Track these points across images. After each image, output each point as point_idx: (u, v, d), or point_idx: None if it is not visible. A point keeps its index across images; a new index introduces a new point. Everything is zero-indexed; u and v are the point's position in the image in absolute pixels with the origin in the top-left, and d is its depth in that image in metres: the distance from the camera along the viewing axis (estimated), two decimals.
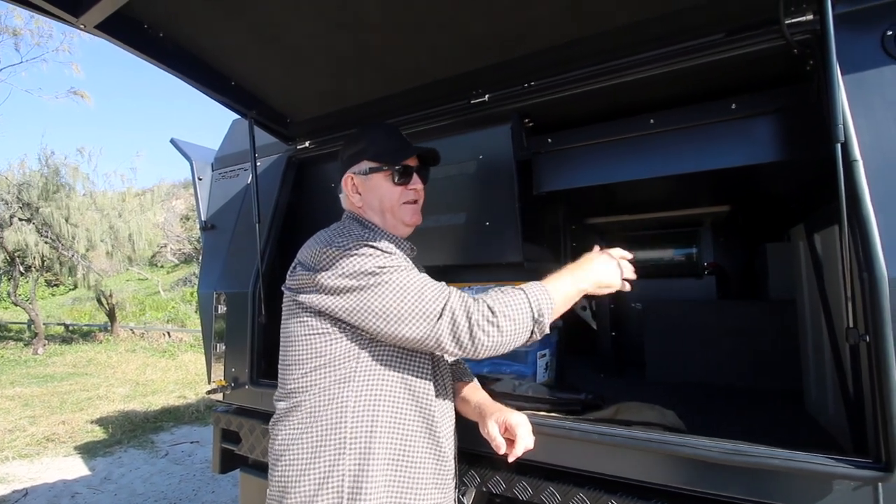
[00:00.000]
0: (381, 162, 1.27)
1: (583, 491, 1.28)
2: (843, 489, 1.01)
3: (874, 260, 0.97)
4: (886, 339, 0.94)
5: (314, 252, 1.15)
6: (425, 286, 1.09)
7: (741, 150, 1.48)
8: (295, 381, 1.15)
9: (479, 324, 1.05)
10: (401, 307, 1.06)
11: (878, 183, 1.03)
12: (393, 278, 1.08)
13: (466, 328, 1.05)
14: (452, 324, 1.05)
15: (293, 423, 1.13)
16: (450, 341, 1.06)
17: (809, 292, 1.55)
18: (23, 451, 5.01)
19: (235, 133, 2.43)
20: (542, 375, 1.87)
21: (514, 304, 1.08)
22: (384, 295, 1.07)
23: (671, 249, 2.47)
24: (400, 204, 1.28)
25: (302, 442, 1.10)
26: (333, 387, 1.10)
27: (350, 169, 1.29)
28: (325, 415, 1.09)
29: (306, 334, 1.14)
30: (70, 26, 1.30)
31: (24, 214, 11.79)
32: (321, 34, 1.49)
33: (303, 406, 1.12)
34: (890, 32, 1.11)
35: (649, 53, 1.39)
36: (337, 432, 1.08)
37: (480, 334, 1.05)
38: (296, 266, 1.21)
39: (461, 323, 1.05)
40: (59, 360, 10.96)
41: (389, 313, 1.06)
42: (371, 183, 1.27)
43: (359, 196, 1.29)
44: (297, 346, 1.15)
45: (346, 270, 1.09)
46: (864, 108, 1.09)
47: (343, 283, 1.09)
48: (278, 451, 1.14)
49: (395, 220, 1.29)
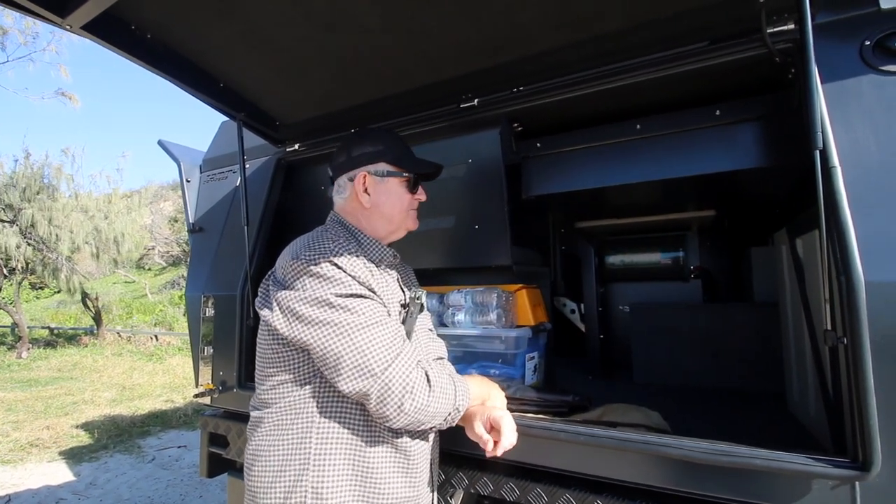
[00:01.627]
0: (401, 167, 1.29)
1: (569, 492, 1.29)
2: (823, 488, 1.03)
3: (851, 264, 1.00)
4: (863, 342, 0.96)
5: (284, 262, 1.14)
6: (372, 342, 1.05)
7: (725, 155, 1.50)
8: (265, 392, 1.16)
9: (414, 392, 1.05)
10: (340, 361, 1.04)
11: (856, 188, 1.05)
12: (345, 321, 1.05)
13: (399, 394, 1.03)
14: (386, 389, 1.03)
15: (263, 433, 1.15)
16: (376, 403, 1.04)
17: (791, 296, 1.58)
18: (6, 456, 4.92)
19: (224, 135, 2.42)
20: (530, 377, 1.88)
21: (446, 390, 1.11)
22: (330, 340, 1.05)
23: (658, 253, 2.49)
24: (408, 211, 1.32)
25: (270, 454, 1.12)
26: (299, 402, 1.12)
27: (364, 167, 1.26)
28: (291, 429, 1.11)
29: (274, 347, 1.14)
30: (56, 27, 1.30)
31: (7, 216, 11.59)
32: (311, 37, 1.50)
33: (271, 417, 1.14)
34: (868, 42, 1.14)
35: (636, 60, 1.42)
36: (302, 448, 1.09)
37: (411, 405, 1.04)
38: (270, 275, 1.21)
39: (395, 388, 1.03)
40: (43, 364, 10.77)
41: (328, 359, 1.05)
42: (385, 186, 1.27)
43: (368, 196, 1.26)
44: (266, 357, 1.17)
45: (304, 295, 1.07)
46: (843, 116, 1.12)
47: (298, 308, 1.07)
48: (250, 460, 1.16)
49: (399, 226, 1.32)
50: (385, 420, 1.06)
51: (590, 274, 2.44)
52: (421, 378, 1.08)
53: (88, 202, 12.69)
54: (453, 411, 1.13)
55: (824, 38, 1.17)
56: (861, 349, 0.96)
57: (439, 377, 1.12)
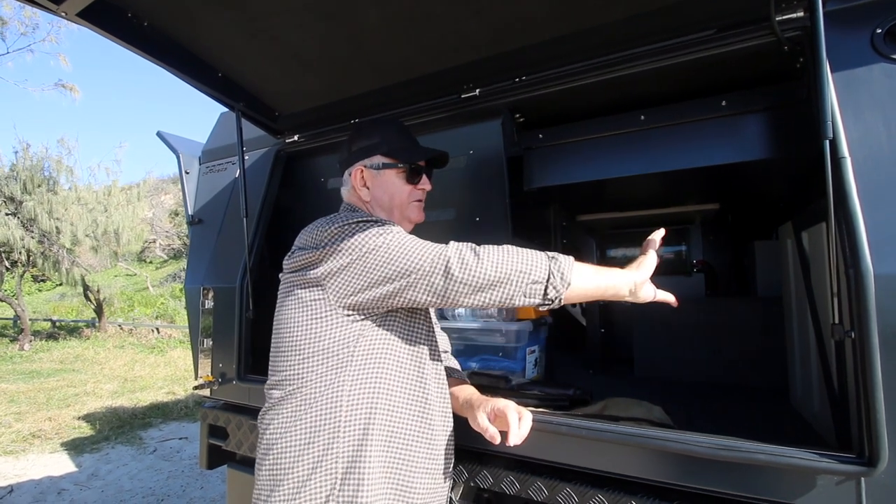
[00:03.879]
0: (396, 159, 1.28)
1: (570, 485, 1.28)
2: (827, 483, 1.02)
3: (860, 256, 0.98)
4: (871, 336, 0.95)
5: (314, 234, 1.14)
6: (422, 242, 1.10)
7: (731, 147, 1.48)
8: (291, 368, 1.13)
9: (478, 251, 1.06)
10: (403, 249, 1.07)
11: (866, 180, 1.03)
12: (395, 234, 1.09)
13: (471, 251, 1.06)
14: (459, 251, 1.06)
15: (287, 412, 1.11)
16: (456, 261, 1.04)
17: (796, 289, 1.56)
18: (8, 447, 4.95)
19: (223, 126, 2.40)
20: (531, 371, 1.87)
21: (528, 255, 1.09)
22: (389, 242, 1.07)
23: (661, 246, 2.47)
24: (409, 202, 1.30)
25: (296, 429, 1.09)
26: (330, 373, 1.09)
27: (360, 161, 1.28)
28: (320, 400, 1.08)
29: (304, 319, 1.12)
30: (52, 14, 1.27)
31: (9, 208, 11.59)
32: (310, 26, 1.47)
33: (298, 393, 1.10)
34: (879, 30, 1.12)
35: (640, 49, 1.39)
36: (332, 416, 1.07)
37: (483, 256, 1.05)
38: (294, 251, 1.19)
39: (465, 250, 1.06)
40: (45, 356, 10.82)
41: (394, 255, 1.07)
42: (382, 178, 1.27)
43: (367, 190, 1.27)
44: (294, 332, 1.13)
45: (351, 233, 1.09)
46: (853, 106, 1.09)
47: (346, 245, 1.08)
48: (269, 441, 1.11)
49: (402, 218, 1.30)
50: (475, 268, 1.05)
51: None
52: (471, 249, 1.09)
53: (88, 195, 12.68)
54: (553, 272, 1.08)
55: (834, 26, 1.14)
56: (869, 343, 0.95)
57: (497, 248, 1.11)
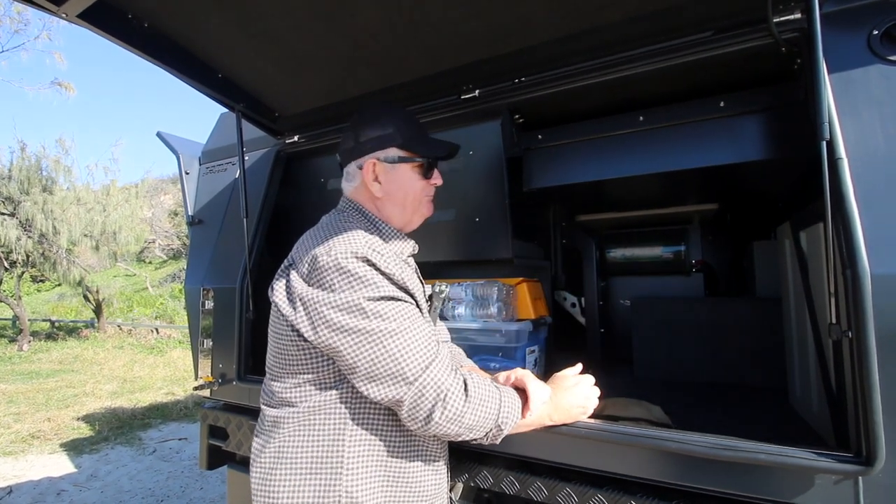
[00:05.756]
0: (415, 152, 1.18)
1: (570, 485, 1.28)
2: (826, 483, 1.02)
3: (857, 257, 0.98)
4: (868, 336, 0.95)
5: (307, 254, 1.04)
6: (406, 348, 0.98)
7: (729, 148, 1.49)
8: (287, 391, 1.08)
9: (449, 404, 0.98)
10: (372, 370, 0.97)
11: (863, 181, 1.04)
12: (376, 328, 0.97)
13: (429, 406, 0.97)
14: (419, 395, 0.97)
15: (287, 434, 1.06)
16: (407, 411, 0.99)
17: (795, 289, 1.57)
18: (7, 448, 4.94)
19: (223, 127, 2.40)
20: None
21: (487, 404, 1.03)
22: (362, 349, 0.97)
23: (660, 247, 2.48)
24: (423, 197, 1.22)
25: (298, 457, 1.04)
26: (329, 404, 1.04)
27: (373, 154, 1.16)
28: (322, 431, 1.04)
29: (298, 344, 1.05)
30: (52, 15, 1.28)
31: (7, 209, 11.57)
32: (311, 27, 1.48)
33: (296, 418, 1.06)
34: (876, 32, 1.12)
35: (639, 50, 1.39)
36: (334, 452, 1.03)
37: (440, 419, 0.98)
38: (288, 266, 1.10)
39: (427, 398, 0.97)
40: (44, 356, 10.80)
41: (362, 371, 0.98)
42: (397, 173, 1.17)
43: (379, 185, 1.16)
44: (288, 354, 1.07)
45: (332, 299, 0.98)
46: (850, 107, 1.10)
47: (326, 314, 0.99)
48: (271, 462, 1.06)
49: (414, 214, 1.22)
50: (417, 429, 1.01)
51: (591, 267, 2.43)
52: (457, 385, 1.00)
53: (86, 194, 12.66)
54: (495, 429, 1.04)
55: (831, 27, 1.15)
56: (866, 343, 0.95)
57: (480, 387, 1.03)
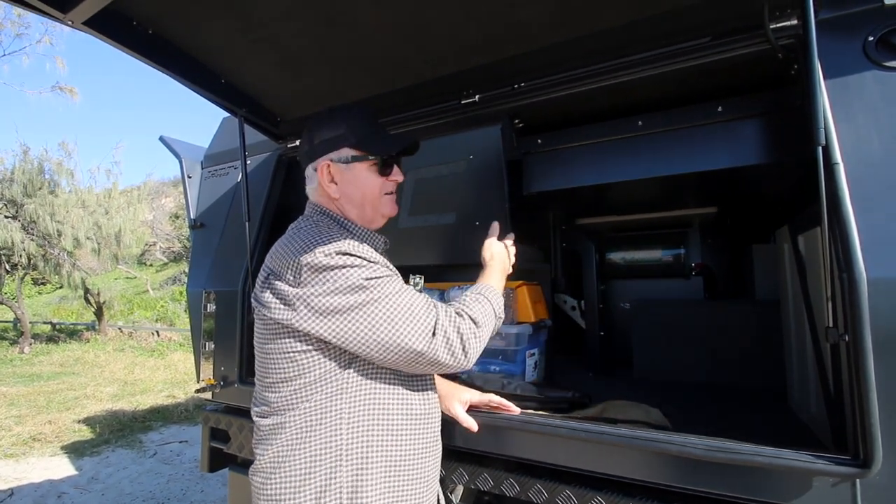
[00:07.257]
0: (367, 150, 1.18)
1: (569, 488, 1.29)
2: (823, 485, 1.03)
3: (853, 261, 0.99)
4: (864, 339, 0.96)
5: (289, 262, 1.05)
6: (413, 303, 1.07)
7: (727, 152, 1.50)
8: (283, 399, 1.08)
9: (467, 338, 1.09)
10: (393, 330, 1.03)
11: (858, 185, 1.05)
12: (381, 295, 1.03)
13: (459, 343, 1.08)
14: (446, 341, 1.07)
15: (284, 440, 1.07)
16: (447, 357, 1.07)
17: (793, 293, 1.58)
18: (8, 450, 4.95)
19: (225, 131, 2.42)
20: (531, 374, 1.88)
21: (487, 312, 1.18)
22: (374, 316, 1.02)
23: (659, 250, 2.49)
24: (381, 195, 1.22)
25: (295, 457, 1.06)
26: (326, 401, 1.06)
27: (326, 155, 1.17)
28: (319, 428, 1.05)
29: (289, 353, 1.07)
30: (58, 22, 1.29)
31: (9, 211, 11.60)
32: (312, 32, 1.49)
33: (293, 422, 1.07)
34: (871, 38, 1.13)
35: (638, 56, 1.41)
36: (332, 445, 1.05)
37: (470, 348, 1.10)
38: (268, 276, 1.11)
39: (454, 339, 1.08)
40: (45, 359, 10.81)
41: (381, 338, 1.03)
42: (352, 173, 1.18)
43: (335, 186, 1.18)
44: (281, 365, 1.08)
45: (331, 287, 1.02)
46: (846, 112, 1.11)
47: (328, 302, 1.01)
48: (270, 467, 1.08)
49: (375, 213, 1.22)
50: (464, 363, 1.10)
51: (591, 271, 2.44)
52: (464, 317, 1.12)
53: (88, 197, 12.69)
54: (497, 320, 1.22)
55: (827, 33, 1.16)
56: (862, 346, 0.96)
57: (472, 304, 1.17)
